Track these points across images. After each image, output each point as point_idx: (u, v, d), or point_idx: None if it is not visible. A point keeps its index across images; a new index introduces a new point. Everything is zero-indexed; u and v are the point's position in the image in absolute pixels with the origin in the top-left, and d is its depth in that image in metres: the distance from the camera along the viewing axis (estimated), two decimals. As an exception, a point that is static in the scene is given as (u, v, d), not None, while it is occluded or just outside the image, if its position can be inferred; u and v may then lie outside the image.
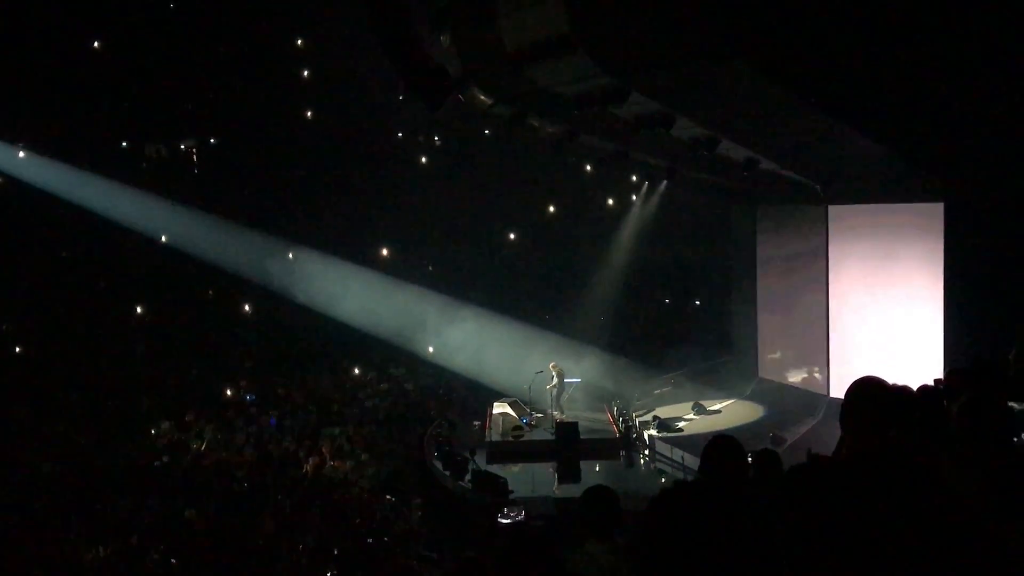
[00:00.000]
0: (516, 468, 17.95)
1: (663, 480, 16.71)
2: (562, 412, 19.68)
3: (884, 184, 16.72)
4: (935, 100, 10.22)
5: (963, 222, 14.33)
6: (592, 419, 19.97)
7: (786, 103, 11.27)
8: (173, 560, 13.37)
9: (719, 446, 4.14)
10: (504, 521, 14.09)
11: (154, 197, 23.91)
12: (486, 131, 25.44)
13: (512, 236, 28.79)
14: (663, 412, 19.97)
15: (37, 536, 13.93)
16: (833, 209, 19.00)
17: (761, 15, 8.68)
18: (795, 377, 20.91)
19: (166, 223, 24.17)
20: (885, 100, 10.39)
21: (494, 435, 19.17)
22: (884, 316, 17.79)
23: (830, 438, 3.50)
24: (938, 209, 15.50)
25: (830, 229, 19.09)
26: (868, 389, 3.48)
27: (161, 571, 13.21)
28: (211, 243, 24.15)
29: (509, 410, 19.58)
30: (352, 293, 23.64)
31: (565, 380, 20.06)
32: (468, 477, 16.60)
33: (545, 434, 19.05)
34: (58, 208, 22.85)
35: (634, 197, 26.12)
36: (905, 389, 4.57)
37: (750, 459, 4.64)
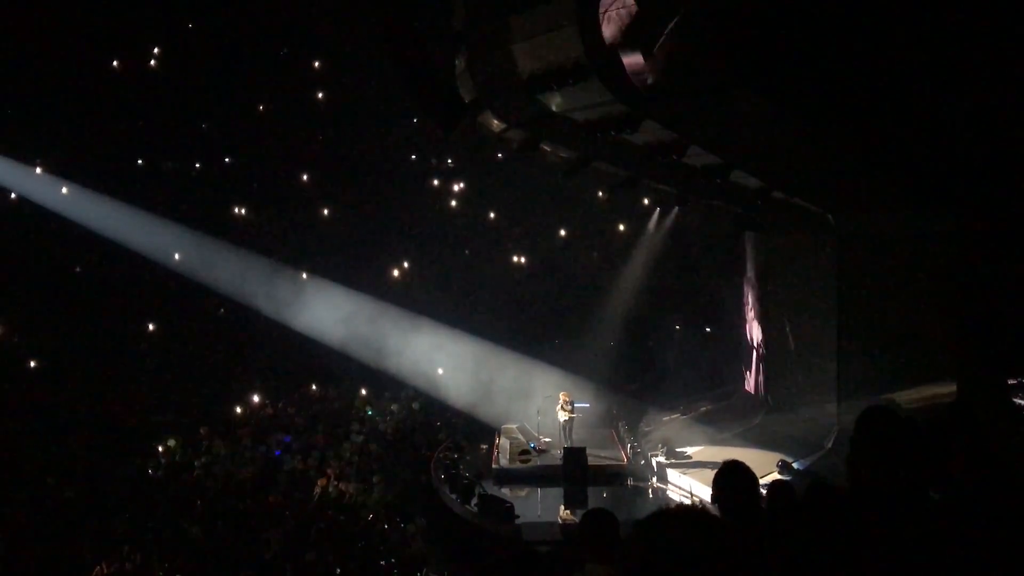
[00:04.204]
0: (523, 493, 17.91)
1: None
2: (571, 444, 19.43)
3: (895, 214, 16.70)
4: (948, 131, 10.23)
5: (974, 252, 14.27)
6: (600, 445, 19.87)
7: (798, 133, 11.32)
8: (177, 577, 13.37)
9: (729, 472, 4.12)
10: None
11: (166, 216, 24.12)
12: (499, 155, 25.57)
13: (522, 260, 28.82)
14: (671, 439, 19.87)
15: (43, 551, 13.93)
16: (843, 238, 18.96)
17: (773, 45, 8.74)
18: (805, 405, 20.79)
19: (178, 241, 24.33)
20: (897, 130, 10.41)
21: (501, 459, 19.10)
22: (894, 346, 17.70)
23: (840, 467, 3.49)
24: (949, 239, 15.42)
25: (841, 258, 19.04)
26: (876, 419, 3.48)
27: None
28: (223, 262, 24.28)
29: (517, 434, 19.51)
30: (358, 316, 23.68)
31: (576, 405, 19.93)
32: (475, 501, 16.53)
33: (553, 459, 18.97)
34: (72, 225, 23.04)
35: (647, 224, 26.16)
36: (914, 419, 4.57)
37: (763, 487, 4.62)
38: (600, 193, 27.38)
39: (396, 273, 27.13)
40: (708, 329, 27.66)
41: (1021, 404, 12.42)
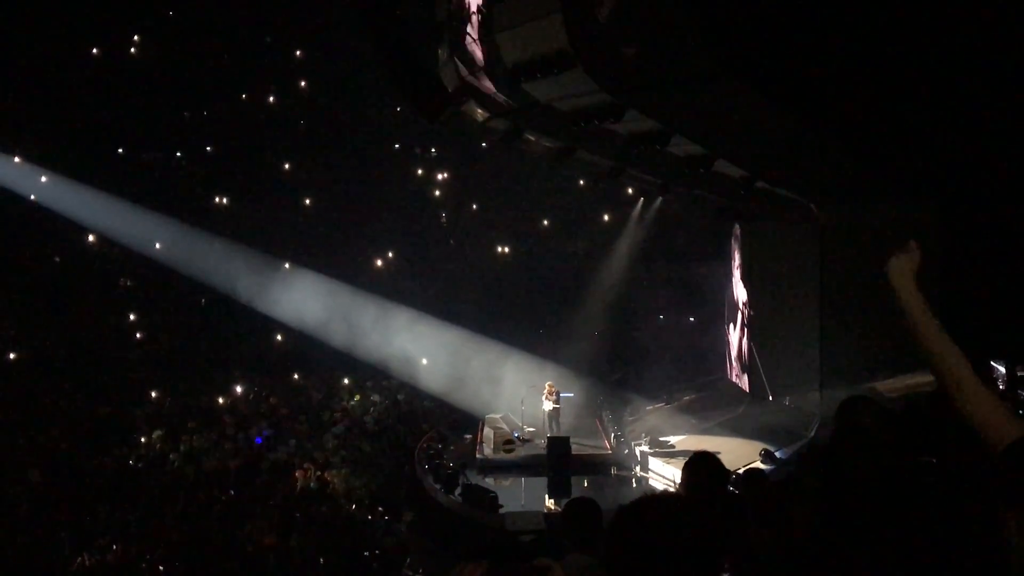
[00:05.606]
0: (507, 482, 17.91)
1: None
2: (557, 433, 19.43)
3: (878, 204, 16.74)
4: (931, 120, 10.25)
5: (956, 241, 14.33)
6: (584, 434, 19.89)
7: (781, 123, 11.30)
8: (160, 568, 13.30)
9: (697, 463, 4.30)
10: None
11: (147, 206, 23.93)
12: (483, 144, 25.51)
13: (506, 250, 28.79)
14: (655, 428, 19.93)
15: (24, 542, 13.84)
16: (826, 228, 19.01)
17: (757, 34, 8.72)
18: (787, 395, 20.88)
19: (159, 232, 24.16)
20: (880, 120, 10.42)
21: (485, 449, 19.10)
22: (876, 335, 17.79)
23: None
24: (932, 228, 15.46)
25: (823, 248, 19.10)
26: (856, 408, 3.48)
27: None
28: (203, 253, 24.13)
29: (501, 424, 19.50)
30: (342, 306, 23.60)
31: (561, 395, 19.92)
32: (459, 491, 16.53)
33: (537, 448, 18.98)
34: (52, 215, 22.84)
35: (631, 213, 26.16)
36: (894, 408, 4.58)
37: (735, 476, 4.68)
38: (582, 182, 27.37)
39: (379, 263, 27.05)
40: (692, 318, 27.71)
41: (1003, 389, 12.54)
